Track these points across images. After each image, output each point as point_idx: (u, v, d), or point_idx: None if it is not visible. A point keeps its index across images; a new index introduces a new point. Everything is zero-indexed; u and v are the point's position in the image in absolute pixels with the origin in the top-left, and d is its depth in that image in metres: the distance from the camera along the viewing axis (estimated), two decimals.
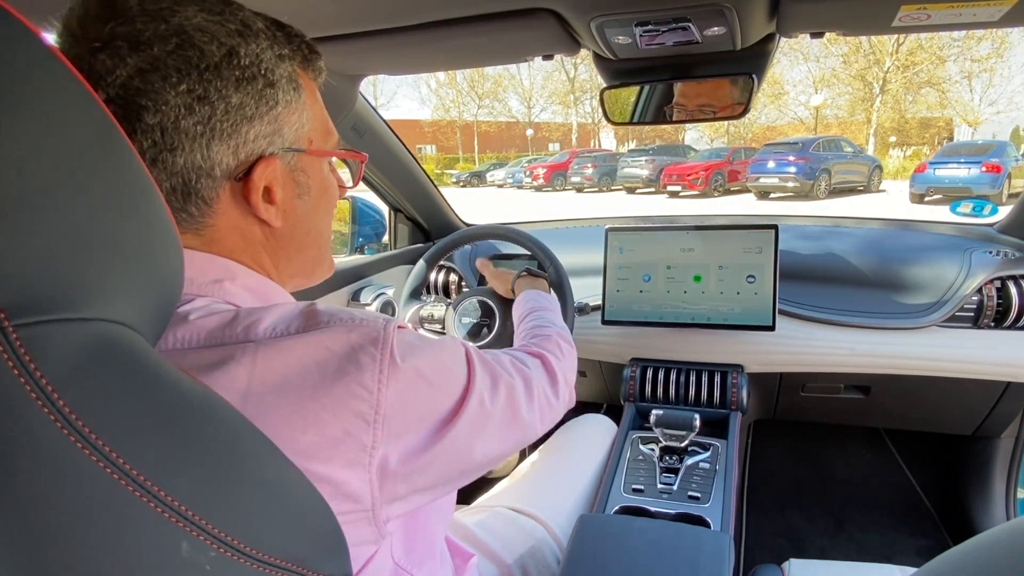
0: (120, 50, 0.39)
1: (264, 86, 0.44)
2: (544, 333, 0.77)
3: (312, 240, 0.53)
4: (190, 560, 0.29)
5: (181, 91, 0.40)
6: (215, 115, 0.42)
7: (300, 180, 0.49)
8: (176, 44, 0.40)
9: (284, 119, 0.46)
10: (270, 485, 0.34)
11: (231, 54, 0.42)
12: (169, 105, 0.40)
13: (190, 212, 0.44)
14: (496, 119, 30.41)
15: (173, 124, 0.40)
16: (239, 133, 0.43)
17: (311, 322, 0.41)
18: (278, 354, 0.39)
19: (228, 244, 0.47)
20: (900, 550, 1.51)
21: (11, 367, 0.24)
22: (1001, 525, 0.36)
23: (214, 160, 0.43)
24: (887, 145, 21.17)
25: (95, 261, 0.28)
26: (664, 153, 16.52)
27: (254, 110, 0.44)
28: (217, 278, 0.45)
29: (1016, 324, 1.19)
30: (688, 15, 0.80)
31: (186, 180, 0.43)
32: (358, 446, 0.40)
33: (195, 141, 0.42)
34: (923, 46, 19.29)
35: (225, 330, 0.40)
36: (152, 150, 0.41)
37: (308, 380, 0.39)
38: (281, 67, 0.45)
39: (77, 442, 0.26)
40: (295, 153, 0.48)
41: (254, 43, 0.43)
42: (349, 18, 0.85)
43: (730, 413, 1.22)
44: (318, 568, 0.36)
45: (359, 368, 0.40)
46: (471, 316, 1.23)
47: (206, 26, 0.41)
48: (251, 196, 0.45)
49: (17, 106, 0.25)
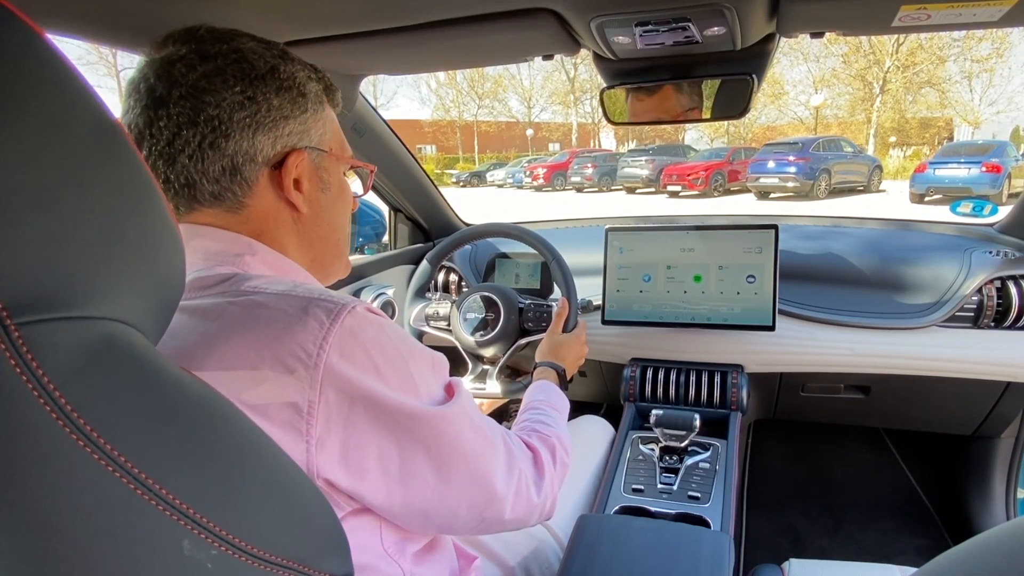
0: (192, 61, 0.51)
1: (297, 95, 0.56)
2: (545, 434, 0.73)
3: (331, 232, 0.63)
4: (191, 558, 0.29)
5: (236, 91, 0.52)
6: (260, 111, 0.53)
7: (323, 176, 0.60)
8: (234, 58, 0.52)
9: (311, 123, 0.57)
10: (271, 483, 0.35)
11: (274, 69, 0.54)
12: (226, 101, 0.51)
13: (234, 191, 0.54)
14: (496, 119, 30.41)
15: (228, 116, 0.51)
16: (277, 128, 0.54)
17: (288, 289, 0.47)
18: (243, 310, 0.45)
19: (261, 223, 0.56)
20: (900, 550, 1.51)
21: (13, 365, 0.25)
22: (1001, 525, 0.36)
23: (257, 147, 0.53)
24: (887, 145, 21.17)
25: (97, 260, 0.28)
26: (664, 153, 16.51)
27: (289, 111, 0.55)
28: (239, 252, 0.53)
29: (1016, 324, 1.19)
30: (688, 15, 0.80)
31: (235, 162, 0.53)
32: (294, 409, 0.42)
33: (244, 131, 0.52)
34: (923, 46, 19.29)
35: (222, 283, 0.48)
36: (211, 135, 0.51)
37: (255, 333, 0.43)
38: (310, 85, 0.58)
39: (79, 440, 0.26)
40: (319, 153, 0.59)
41: (291, 65, 0.56)
42: (349, 18, 0.85)
43: (730, 413, 1.22)
44: (319, 566, 0.36)
45: (304, 328, 0.44)
46: (475, 312, 1.24)
47: (256, 49, 0.54)
48: (284, 180, 0.55)
49: (19, 106, 0.25)
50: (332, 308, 0.45)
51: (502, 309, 1.21)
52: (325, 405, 0.43)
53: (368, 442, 0.45)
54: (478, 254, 1.57)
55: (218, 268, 0.51)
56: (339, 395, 0.43)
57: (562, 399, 0.89)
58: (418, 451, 0.48)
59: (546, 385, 0.93)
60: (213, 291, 0.48)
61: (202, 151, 0.51)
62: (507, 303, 1.22)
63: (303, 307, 0.45)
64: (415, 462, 0.48)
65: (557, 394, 0.90)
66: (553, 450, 0.70)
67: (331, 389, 0.43)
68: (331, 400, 0.43)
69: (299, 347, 0.43)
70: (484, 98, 29.29)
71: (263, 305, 0.45)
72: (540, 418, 0.79)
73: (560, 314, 1.14)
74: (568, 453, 0.74)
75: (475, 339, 1.21)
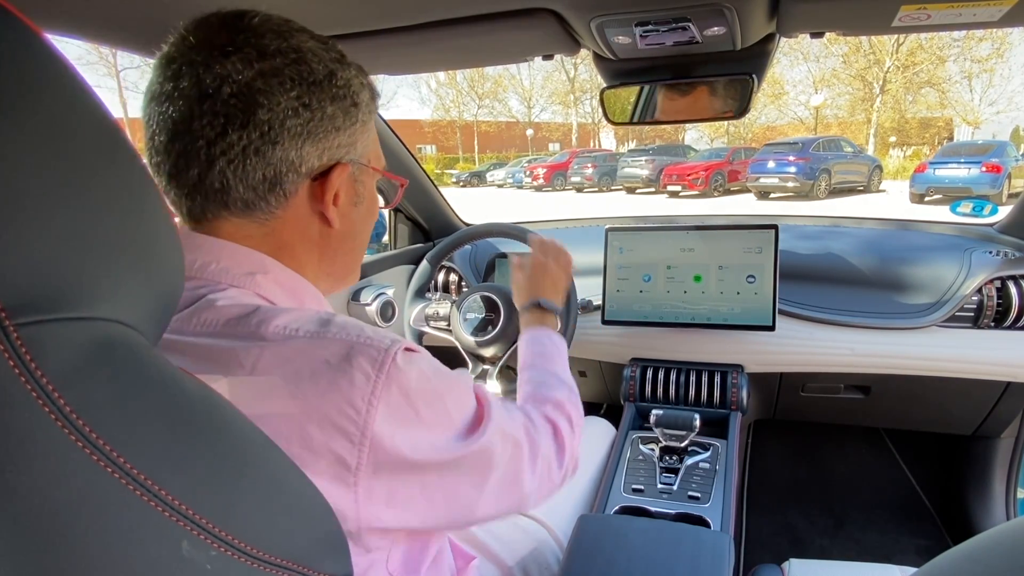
0: (250, 56, 0.46)
1: (351, 105, 0.52)
2: (557, 399, 0.70)
3: (356, 246, 0.60)
4: (191, 559, 0.29)
5: (292, 96, 0.47)
6: (313, 120, 0.49)
7: (359, 190, 0.56)
8: (293, 59, 0.48)
9: (359, 135, 0.54)
10: (271, 484, 0.34)
11: (332, 74, 0.50)
12: (280, 106, 0.47)
13: (268, 201, 0.49)
14: (496, 119, 30.41)
15: (280, 122, 0.47)
16: (328, 138, 0.50)
17: (321, 328, 0.44)
18: (277, 358, 0.42)
19: (285, 236, 0.52)
20: (900, 550, 1.51)
21: (12, 366, 0.24)
22: (1001, 525, 0.36)
23: (303, 158, 0.49)
24: (887, 145, 21.16)
25: (96, 261, 0.28)
26: (664, 153, 16.51)
27: (341, 122, 0.51)
28: (251, 271, 0.49)
29: (1016, 324, 1.19)
30: (688, 15, 0.80)
31: (277, 172, 0.48)
32: (342, 465, 0.41)
33: (294, 139, 0.48)
34: (923, 46, 19.29)
35: (240, 323, 0.44)
36: (258, 141, 0.47)
37: (299, 388, 0.41)
38: (363, 93, 0.54)
39: (78, 441, 0.26)
40: (360, 166, 0.55)
41: (347, 71, 0.52)
42: (349, 18, 0.85)
43: (730, 413, 1.22)
44: (319, 567, 0.36)
45: (351, 384, 0.41)
46: (475, 312, 1.24)
47: (315, 49, 0.49)
48: (325, 195, 0.51)
49: (19, 107, 0.25)
50: (376, 357, 0.43)
51: (502, 309, 1.21)
52: (373, 459, 0.42)
53: (413, 482, 0.45)
54: (478, 254, 1.57)
55: (231, 289, 0.48)
56: (387, 451, 0.43)
57: (556, 343, 0.84)
58: (462, 480, 0.49)
59: (535, 334, 0.86)
60: (232, 330, 0.44)
61: (245, 156, 0.47)
62: (507, 303, 1.22)
63: (345, 355, 0.42)
64: (458, 489, 0.48)
65: (550, 340, 0.84)
66: (569, 417, 0.68)
67: (380, 447, 0.42)
68: (379, 456, 0.42)
69: (348, 404, 0.41)
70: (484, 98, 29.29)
71: (303, 353, 0.42)
72: (543, 379, 0.75)
73: (515, 265, 1.02)
74: (579, 407, 0.73)
75: (475, 339, 1.21)
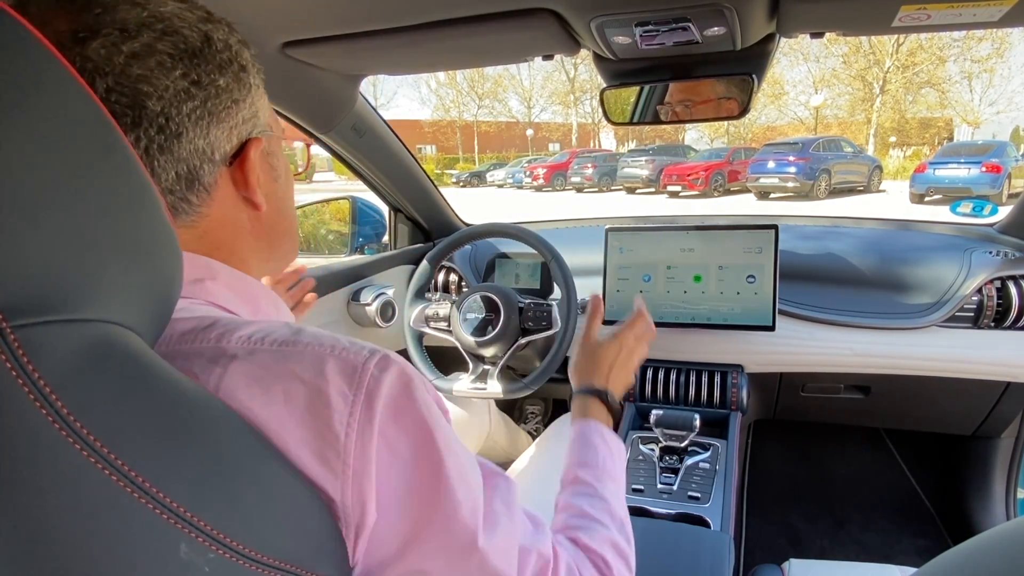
0: (111, 37, 0.38)
1: (239, 70, 0.44)
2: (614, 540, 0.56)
3: (290, 223, 0.54)
4: (188, 562, 0.29)
5: (177, 76, 0.40)
6: (209, 99, 0.42)
7: (274, 163, 0.50)
8: (160, 30, 0.40)
9: (258, 103, 0.47)
10: (268, 486, 0.34)
11: (207, 39, 0.42)
12: (169, 91, 0.40)
13: (190, 201, 0.44)
14: (496, 119, 30.43)
15: (176, 109, 0.40)
16: (231, 116, 0.44)
17: (289, 338, 0.38)
18: (243, 377, 0.36)
19: (219, 234, 0.46)
20: (900, 550, 1.51)
21: (9, 368, 0.24)
22: (1001, 525, 0.36)
23: (214, 144, 0.43)
24: (887, 145, 21.17)
25: (93, 262, 0.28)
26: (664, 153, 16.52)
27: (238, 93, 0.44)
28: (198, 277, 0.44)
29: (1016, 324, 1.19)
30: (688, 15, 0.80)
31: (191, 167, 0.42)
32: (330, 500, 0.37)
33: (196, 125, 0.42)
34: (923, 46, 19.30)
35: (197, 336, 0.38)
36: (159, 137, 0.40)
37: (271, 411, 0.36)
38: (244, 53, 0.46)
39: (75, 444, 0.26)
40: (270, 136, 0.48)
41: (220, 29, 0.44)
42: (349, 18, 0.85)
43: (730, 413, 1.22)
44: (317, 569, 0.36)
45: (327, 406, 0.36)
46: (475, 312, 1.23)
47: (179, 12, 0.41)
48: (248, 177, 0.46)
49: (15, 107, 0.25)
50: (351, 374, 0.37)
51: (502, 309, 1.21)
52: (359, 494, 0.37)
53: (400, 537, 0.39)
54: (478, 254, 1.56)
55: (181, 301, 0.40)
56: (371, 486, 0.37)
57: (615, 448, 0.69)
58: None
59: (588, 431, 0.70)
60: (188, 347, 0.38)
61: (150, 158, 0.40)
62: (507, 303, 1.22)
63: (318, 370, 0.37)
64: None
65: (606, 444, 0.68)
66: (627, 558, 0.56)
67: (364, 479, 0.37)
68: (364, 492, 0.37)
69: (327, 429, 0.36)
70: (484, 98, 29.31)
71: (270, 370, 0.36)
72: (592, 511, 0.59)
73: (595, 311, 0.88)
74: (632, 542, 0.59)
75: (475, 339, 1.21)
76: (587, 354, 0.82)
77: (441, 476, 0.40)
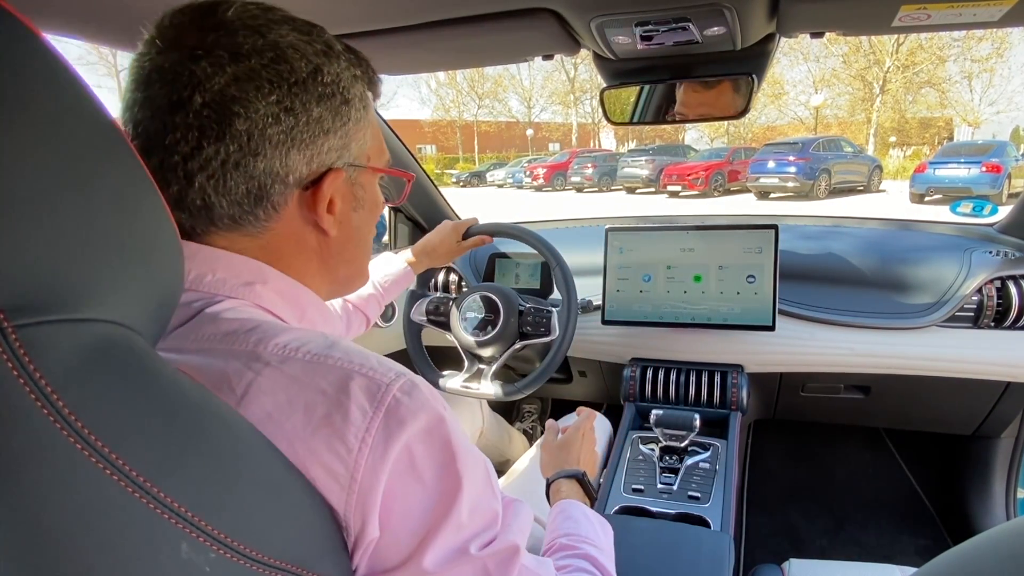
0: (221, 59, 0.42)
1: (341, 103, 0.47)
2: None
3: (359, 252, 0.55)
4: (189, 561, 0.29)
5: (271, 101, 0.43)
6: (297, 126, 0.44)
7: (358, 194, 0.52)
8: (271, 58, 0.43)
9: (353, 135, 0.49)
10: (269, 486, 0.34)
11: (317, 71, 0.45)
12: (259, 113, 0.43)
13: (257, 215, 0.46)
14: (496, 119, 30.41)
15: (260, 131, 0.43)
16: (315, 144, 0.46)
17: (324, 351, 0.40)
18: (271, 384, 0.38)
19: (282, 249, 0.48)
20: (900, 550, 1.51)
21: (10, 368, 0.24)
22: (1001, 525, 0.36)
23: (290, 168, 0.45)
24: (887, 145, 21.16)
25: (95, 262, 0.28)
26: (664, 153, 16.51)
27: (331, 124, 0.46)
28: (249, 281, 0.46)
29: (1016, 324, 1.19)
30: (688, 15, 0.80)
31: (262, 184, 0.45)
32: (334, 511, 0.38)
33: (277, 148, 0.44)
34: (923, 46, 19.29)
35: (238, 338, 0.41)
36: (237, 154, 0.43)
37: (291, 420, 0.37)
38: (355, 87, 0.49)
39: (76, 443, 0.26)
40: (356, 168, 0.50)
41: (336, 63, 0.47)
42: (349, 18, 0.85)
43: (730, 413, 1.22)
44: (318, 569, 0.36)
45: (345, 419, 0.37)
46: (475, 312, 1.23)
47: (297, 44, 0.44)
48: (318, 206, 0.47)
49: (18, 107, 0.25)
50: (375, 391, 0.39)
51: (502, 310, 1.21)
52: (362, 510, 0.38)
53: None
54: (478, 254, 1.56)
55: (228, 301, 0.44)
56: (376, 504, 0.38)
57: (597, 521, 0.71)
58: None
59: (570, 507, 0.72)
60: (227, 346, 0.40)
61: (225, 171, 0.43)
62: (507, 304, 1.22)
63: (343, 385, 0.38)
64: None
65: (588, 520, 0.70)
66: None
67: (370, 497, 0.38)
68: (368, 508, 0.38)
69: (340, 441, 0.37)
70: (484, 98, 29.29)
71: (297, 381, 0.38)
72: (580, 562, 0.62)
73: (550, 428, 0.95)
74: None
75: (474, 339, 1.21)
76: (552, 450, 0.89)
77: (456, 501, 0.41)
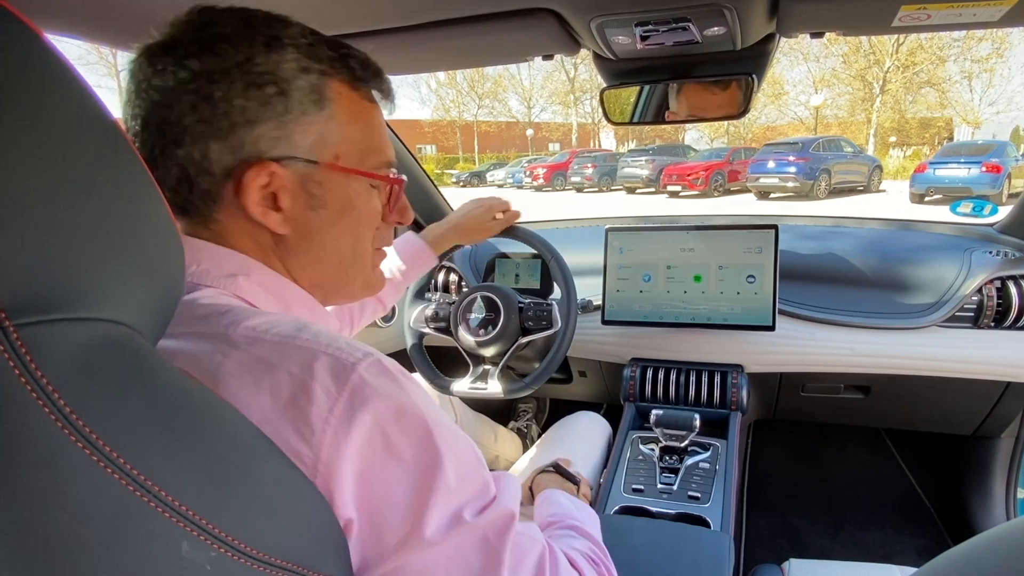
0: (154, 51, 0.45)
1: (275, 94, 0.45)
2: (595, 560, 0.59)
3: (328, 256, 0.52)
4: (190, 560, 0.29)
5: (190, 90, 0.44)
6: (216, 114, 0.44)
7: (314, 192, 0.49)
8: (196, 49, 0.44)
9: (294, 128, 0.47)
10: (270, 485, 0.34)
11: (248, 61, 0.45)
12: (180, 102, 0.44)
13: (197, 205, 0.47)
14: (496, 119, 30.41)
15: (178, 119, 0.44)
16: (236, 135, 0.45)
17: (293, 333, 0.40)
18: (239, 367, 0.38)
19: (238, 243, 0.48)
20: (900, 550, 1.51)
21: (12, 367, 0.24)
22: (1001, 525, 0.36)
23: (211, 157, 0.45)
24: (887, 145, 21.16)
25: (96, 261, 0.28)
26: (664, 153, 16.50)
27: (257, 114, 0.45)
28: (232, 272, 0.47)
29: (1016, 324, 1.19)
30: (688, 15, 0.80)
31: (186, 172, 0.45)
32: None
33: (195, 137, 0.45)
34: (923, 46, 19.29)
35: (209, 322, 0.41)
36: (162, 141, 0.45)
37: (258, 402, 0.37)
38: (303, 78, 0.47)
39: (78, 442, 0.26)
40: (309, 164, 0.48)
41: (277, 54, 0.46)
42: (349, 18, 0.85)
43: (730, 413, 1.22)
44: (318, 568, 0.36)
45: (309, 401, 0.37)
46: (475, 312, 1.23)
47: (233, 35, 0.45)
48: (243, 196, 0.46)
49: (19, 107, 0.25)
50: (339, 371, 0.38)
51: (502, 309, 1.21)
52: (326, 492, 0.37)
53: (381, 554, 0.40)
54: (478, 254, 1.56)
55: (207, 289, 0.45)
56: (346, 489, 0.38)
57: (582, 506, 0.73)
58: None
59: (554, 495, 0.74)
60: (200, 329, 0.40)
61: (153, 158, 0.45)
62: (507, 303, 1.22)
63: (307, 365, 0.38)
64: None
65: (572, 503, 0.72)
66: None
67: (337, 480, 0.37)
68: (331, 487, 0.37)
69: (304, 423, 0.37)
70: (484, 98, 29.29)
71: (264, 362, 0.38)
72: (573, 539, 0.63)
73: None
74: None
75: (475, 339, 1.21)
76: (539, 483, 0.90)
77: (440, 471, 0.40)
